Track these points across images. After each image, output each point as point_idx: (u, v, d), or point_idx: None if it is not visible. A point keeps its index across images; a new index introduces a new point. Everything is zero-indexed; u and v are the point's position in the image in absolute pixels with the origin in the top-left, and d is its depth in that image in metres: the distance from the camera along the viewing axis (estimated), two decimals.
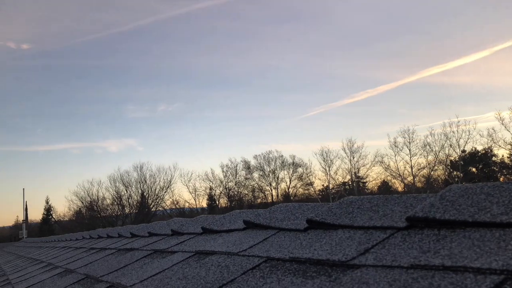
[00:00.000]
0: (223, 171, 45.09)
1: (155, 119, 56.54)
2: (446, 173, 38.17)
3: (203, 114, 55.73)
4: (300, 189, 45.04)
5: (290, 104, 54.71)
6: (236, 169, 45.15)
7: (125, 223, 38.36)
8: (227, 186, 44.96)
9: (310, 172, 43.44)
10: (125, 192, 43.39)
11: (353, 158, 40.47)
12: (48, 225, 43.75)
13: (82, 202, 43.54)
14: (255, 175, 45.46)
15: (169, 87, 55.37)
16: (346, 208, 1.39)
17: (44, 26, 50.61)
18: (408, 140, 37.29)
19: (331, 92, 52.74)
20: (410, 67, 47.97)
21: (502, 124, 32.38)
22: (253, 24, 51.17)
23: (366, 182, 42.32)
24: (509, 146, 33.69)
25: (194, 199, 44.93)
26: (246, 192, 45.78)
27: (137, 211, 42.98)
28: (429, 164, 37.38)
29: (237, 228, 1.88)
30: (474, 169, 38.21)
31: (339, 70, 49.95)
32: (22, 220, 31.68)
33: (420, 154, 37.75)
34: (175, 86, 55.60)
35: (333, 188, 42.18)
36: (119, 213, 43.50)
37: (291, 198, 43.28)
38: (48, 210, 45.17)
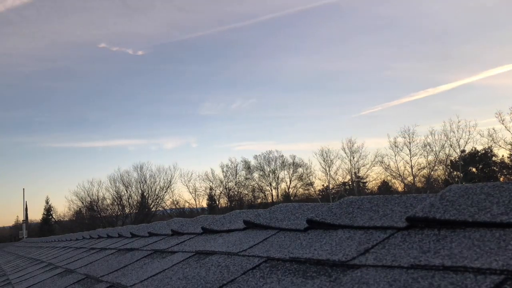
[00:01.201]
0: (223, 171, 45.18)
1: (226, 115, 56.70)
2: (446, 173, 38.18)
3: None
4: (300, 189, 45.11)
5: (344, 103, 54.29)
6: (236, 169, 45.23)
7: (125, 223, 38.35)
8: (227, 186, 45.00)
9: (310, 172, 43.51)
10: (125, 192, 43.46)
11: (353, 158, 40.53)
12: (48, 225, 43.76)
13: (82, 202, 43.63)
14: (255, 175, 45.55)
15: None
16: (346, 208, 1.39)
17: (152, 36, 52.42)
18: (408, 140, 37.35)
19: (387, 91, 52.01)
20: (472, 67, 47.15)
21: (503, 124, 32.38)
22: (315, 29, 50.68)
23: (366, 182, 42.35)
24: (509, 146, 33.72)
25: (194, 199, 45.00)
26: (246, 192, 45.83)
27: (137, 211, 42.97)
28: (429, 164, 37.41)
29: (237, 228, 1.88)
30: (474, 169, 38.21)
31: (392, 72, 49.27)
32: (22, 220, 31.63)
33: (420, 154, 37.79)
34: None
35: (333, 188, 42.19)
36: (119, 213, 43.51)
37: (291, 198, 43.28)
38: (48, 210, 45.23)
